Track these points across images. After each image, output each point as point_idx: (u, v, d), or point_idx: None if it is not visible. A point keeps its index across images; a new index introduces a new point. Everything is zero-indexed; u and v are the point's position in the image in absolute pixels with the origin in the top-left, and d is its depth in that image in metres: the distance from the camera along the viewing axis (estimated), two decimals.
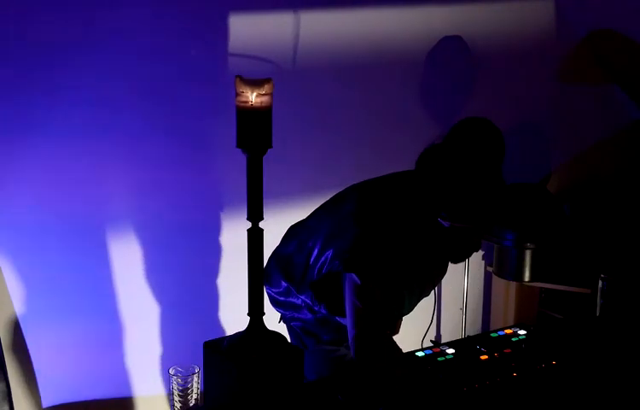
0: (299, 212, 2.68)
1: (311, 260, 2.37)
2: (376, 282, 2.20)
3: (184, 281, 3.30)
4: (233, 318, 3.37)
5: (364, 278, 2.19)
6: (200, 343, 1.96)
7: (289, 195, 3.34)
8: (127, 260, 3.18)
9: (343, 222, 2.32)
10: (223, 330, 3.34)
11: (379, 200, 2.33)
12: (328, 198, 2.54)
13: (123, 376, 3.28)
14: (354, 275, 2.20)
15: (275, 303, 2.54)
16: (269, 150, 1.84)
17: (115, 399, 3.29)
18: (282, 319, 2.57)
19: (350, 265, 2.22)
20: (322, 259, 2.34)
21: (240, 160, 1.89)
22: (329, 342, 2.45)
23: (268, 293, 2.52)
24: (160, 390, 3.33)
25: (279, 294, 2.50)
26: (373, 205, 2.32)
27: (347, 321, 2.23)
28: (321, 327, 2.45)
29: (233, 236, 3.31)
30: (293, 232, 2.55)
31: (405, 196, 2.30)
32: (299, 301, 2.45)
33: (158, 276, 3.25)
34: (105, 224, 3.13)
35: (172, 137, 3.17)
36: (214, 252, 3.33)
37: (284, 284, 2.46)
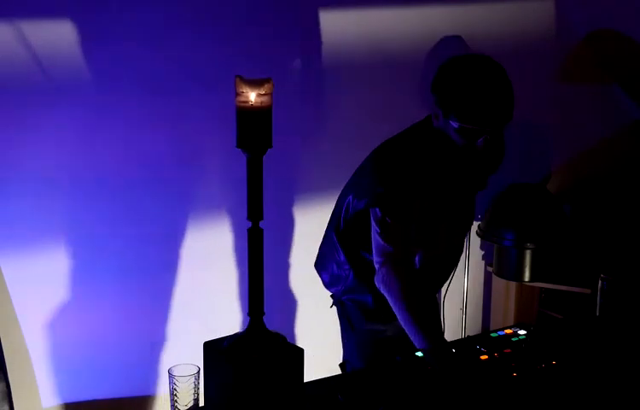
0: (299, 212, 2.68)
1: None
2: (400, 216, 2.27)
3: (184, 281, 3.30)
4: (233, 318, 3.37)
5: (388, 212, 2.27)
6: (200, 343, 1.96)
7: (289, 195, 3.34)
8: (127, 260, 3.18)
9: (361, 171, 2.42)
10: (223, 330, 3.34)
11: (393, 146, 2.40)
12: (328, 198, 2.55)
13: (123, 376, 3.28)
14: (377, 209, 2.27)
15: (328, 284, 2.63)
16: (269, 150, 1.84)
17: (115, 399, 3.29)
18: (334, 300, 2.63)
19: (374, 196, 2.29)
20: (345, 204, 2.42)
21: (240, 160, 1.89)
22: (377, 319, 2.49)
23: (322, 277, 2.64)
24: (159, 390, 3.33)
25: (330, 275, 2.59)
26: (389, 151, 2.39)
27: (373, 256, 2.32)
28: (364, 289, 2.49)
29: (233, 236, 3.31)
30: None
31: (418, 133, 2.38)
32: (340, 272, 2.53)
33: (158, 276, 3.25)
34: (105, 223, 3.13)
35: (172, 136, 3.17)
36: (214, 252, 3.33)
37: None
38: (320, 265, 2.65)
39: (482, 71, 2.24)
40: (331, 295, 2.67)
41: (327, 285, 2.64)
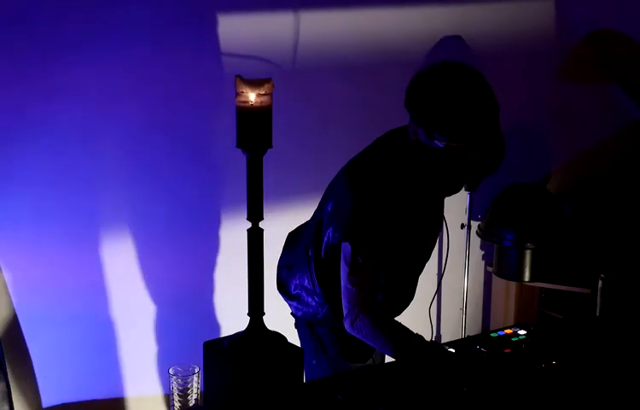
0: (299, 212, 2.67)
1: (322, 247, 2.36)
2: (378, 247, 2.18)
3: (185, 281, 3.30)
4: (233, 318, 3.37)
5: (365, 245, 2.16)
6: (200, 343, 1.96)
7: (289, 195, 3.34)
8: (127, 260, 3.18)
9: (339, 197, 2.28)
10: (223, 330, 3.34)
11: (369, 162, 2.28)
12: None
13: (123, 376, 3.28)
14: (349, 245, 2.16)
15: (297, 312, 2.52)
16: (269, 150, 1.84)
17: (115, 399, 3.29)
18: (300, 322, 2.53)
19: (350, 233, 2.19)
20: (325, 238, 2.31)
21: (240, 160, 1.89)
22: (353, 350, 2.43)
23: (290, 304, 2.52)
24: (159, 390, 3.33)
25: (299, 301, 2.48)
26: (364, 170, 2.27)
27: (342, 296, 2.22)
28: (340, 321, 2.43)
29: (233, 236, 3.31)
30: (294, 237, 2.55)
31: (395, 146, 2.26)
32: (313, 302, 2.44)
33: (158, 276, 3.25)
34: (104, 224, 3.13)
35: (172, 136, 3.17)
36: (214, 252, 3.33)
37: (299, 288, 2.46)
38: (288, 270, 2.51)
39: (463, 83, 2.10)
40: (292, 314, 2.55)
41: (290, 297, 2.50)
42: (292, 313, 2.55)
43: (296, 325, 2.56)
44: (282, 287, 2.53)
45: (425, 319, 3.18)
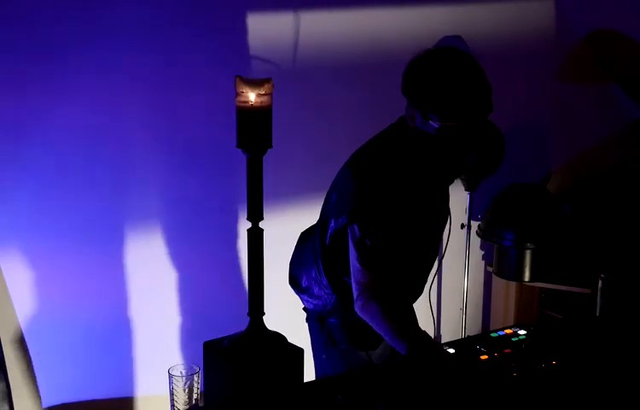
0: (299, 212, 2.67)
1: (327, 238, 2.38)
2: (384, 229, 2.21)
3: (184, 281, 3.30)
4: (233, 318, 3.36)
5: (371, 224, 2.20)
6: (200, 343, 1.96)
7: (289, 195, 3.34)
8: (127, 261, 3.18)
9: (343, 185, 2.32)
10: (223, 330, 3.34)
11: (371, 151, 2.33)
12: None
13: (123, 376, 3.28)
14: (356, 226, 2.20)
15: (308, 306, 2.54)
16: (269, 150, 1.84)
17: (115, 399, 3.29)
18: (312, 316, 2.54)
19: (355, 213, 2.21)
20: (330, 227, 2.32)
21: (240, 160, 1.89)
22: (362, 341, 2.45)
23: (301, 297, 2.54)
24: (159, 390, 3.33)
25: (310, 294, 2.50)
26: (366, 158, 2.31)
27: (352, 279, 2.25)
28: (348, 312, 2.42)
29: (233, 236, 3.31)
30: (305, 236, 2.56)
31: (394, 135, 2.31)
32: (322, 293, 2.45)
33: (158, 276, 3.25)
34: (106, 224, 3.13)
35: (173, 137, 3.17)
36: (215, 252, 3.33)
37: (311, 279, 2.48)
38: (299, 266, 2.54)
39: (455, 65, 2.17)
40: (303, 309, 2.57)
41: (301, 290, 2.53)
42: (304, 308, 2.59)
43: (307, 320, 2.59)
44: (294, 281, 2.56)
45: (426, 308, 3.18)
